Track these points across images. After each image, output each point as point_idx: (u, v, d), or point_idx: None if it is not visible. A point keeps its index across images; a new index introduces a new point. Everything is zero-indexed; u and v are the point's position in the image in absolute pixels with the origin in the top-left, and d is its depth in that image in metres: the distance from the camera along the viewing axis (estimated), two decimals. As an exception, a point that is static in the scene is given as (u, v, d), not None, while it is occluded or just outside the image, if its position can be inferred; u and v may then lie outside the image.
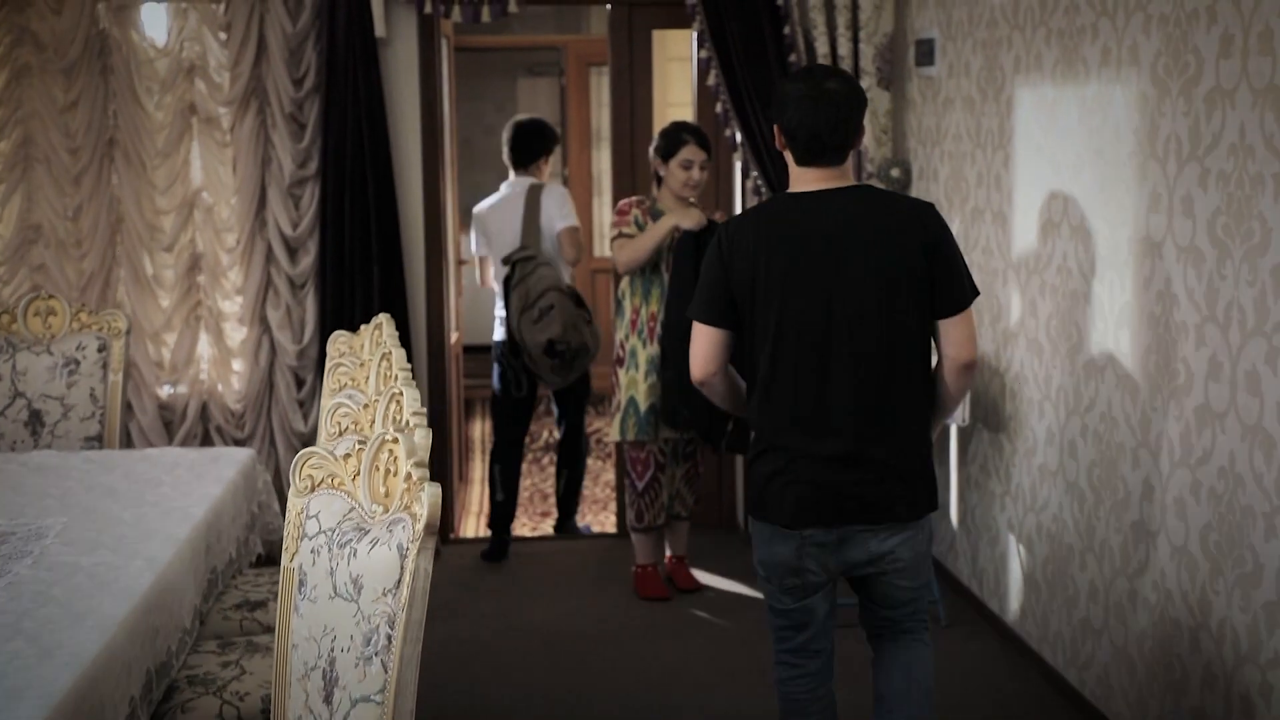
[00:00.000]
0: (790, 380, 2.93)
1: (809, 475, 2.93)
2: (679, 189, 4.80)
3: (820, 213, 2.93)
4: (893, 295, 2.88)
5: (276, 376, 5.28)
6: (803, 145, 2.94)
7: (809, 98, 2.92)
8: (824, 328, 2.89)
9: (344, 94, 5.15)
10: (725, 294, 2.97)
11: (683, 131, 4.82)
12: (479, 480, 7.65)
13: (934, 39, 5.03)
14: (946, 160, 4.98)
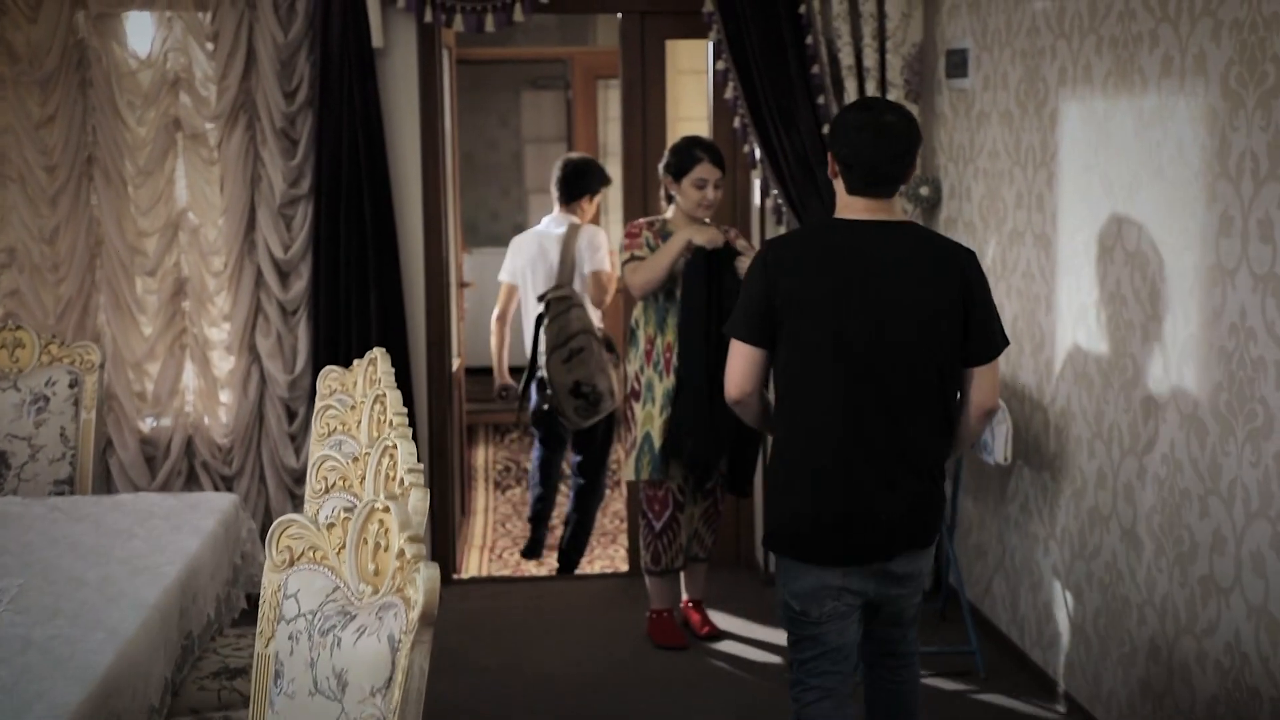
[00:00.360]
0: (831, 405, 2.93)
1: (849, 513, 2.95)
2: (692, 209, 4.50)
3: (871, 242, 2.96)
4: (934, 331, 2.93)
5: (267, 409, 4.96)
6: (859, 176, 2.96)
7: (870, 129, 2.96)
8: (869, 354, 2.91)
9: (339, 108, 4.84)
10: (767, 313, 2.97)
11: (696, 148, 4.51)
12: (482, 511, 7.34)
13: (967, 49, 4.72)
14: (981, 178, 4.66)
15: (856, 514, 2.95)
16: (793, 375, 2.98)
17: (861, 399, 2.92)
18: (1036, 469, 4.25)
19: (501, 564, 6.44)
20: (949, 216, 4.98)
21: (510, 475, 7.92)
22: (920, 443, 2.96)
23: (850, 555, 2.98)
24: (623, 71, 5.42)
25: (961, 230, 4.84)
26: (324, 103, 4.84)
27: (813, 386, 2.95)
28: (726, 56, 5.02)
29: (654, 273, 4.44)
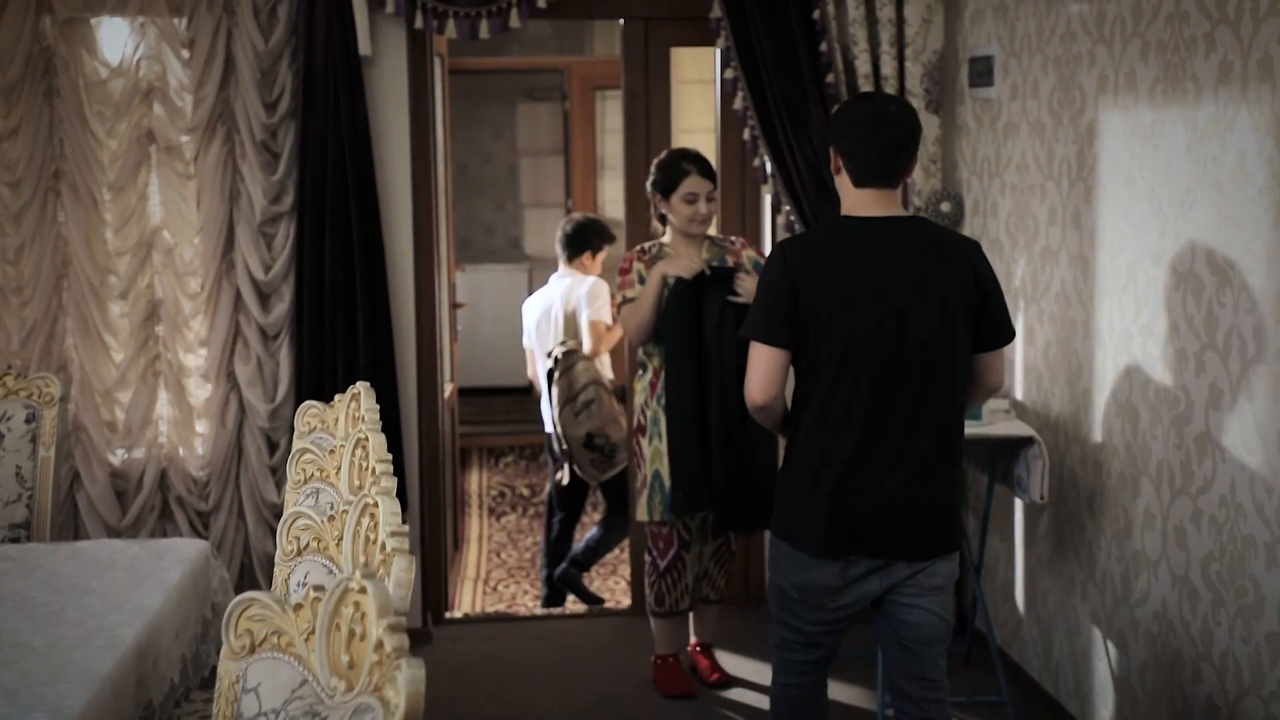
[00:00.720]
0: (853, 407, 2.92)
1: (865, 509, 2.94)
2: (685, 226, 4.20)
3: (886, 238, 2.96)
4: (952, 325, 2.94)
5: (246, 440, 4.65)
6: (864, 165, 2.96)
7: (872, 119, 2.96)
8: (892, 352, 2.91)
9: (323, 119, 4.54)
10: (790, 314, 2.94)
11: (682, 161, 4.21)
12: (476, 540, 7.04)
13: (992, 56, 4.43)
14: (1008, 193, 4.37)
15: (883, 512, 2.94)
16: (817, 376, 2.96)
17: (888, 398, 2.91)
18: (1072, 506, 3.95)
19: (496, 597, 6.14)
20: (972, 233, 4.68)
21: (505, 501, 7.62)
22: (945, 439, 2.97)
23: (875, 550, 2.96)
24: (625, 81, 5.13)
25: (987, 248, 4.54)
26: (308, 114, 4.54)
27: (838, 387, 2.93)
28: (735, 65, 4.73)
29: (641, 316, 4.15)
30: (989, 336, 3.03)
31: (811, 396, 2.97)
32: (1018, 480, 3.87)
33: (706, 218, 4.21)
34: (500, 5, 4.65)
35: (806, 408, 2.98)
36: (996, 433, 3.84)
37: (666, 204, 4.23)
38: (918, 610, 3.01)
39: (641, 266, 4.22)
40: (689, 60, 6.61)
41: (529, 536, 7.10)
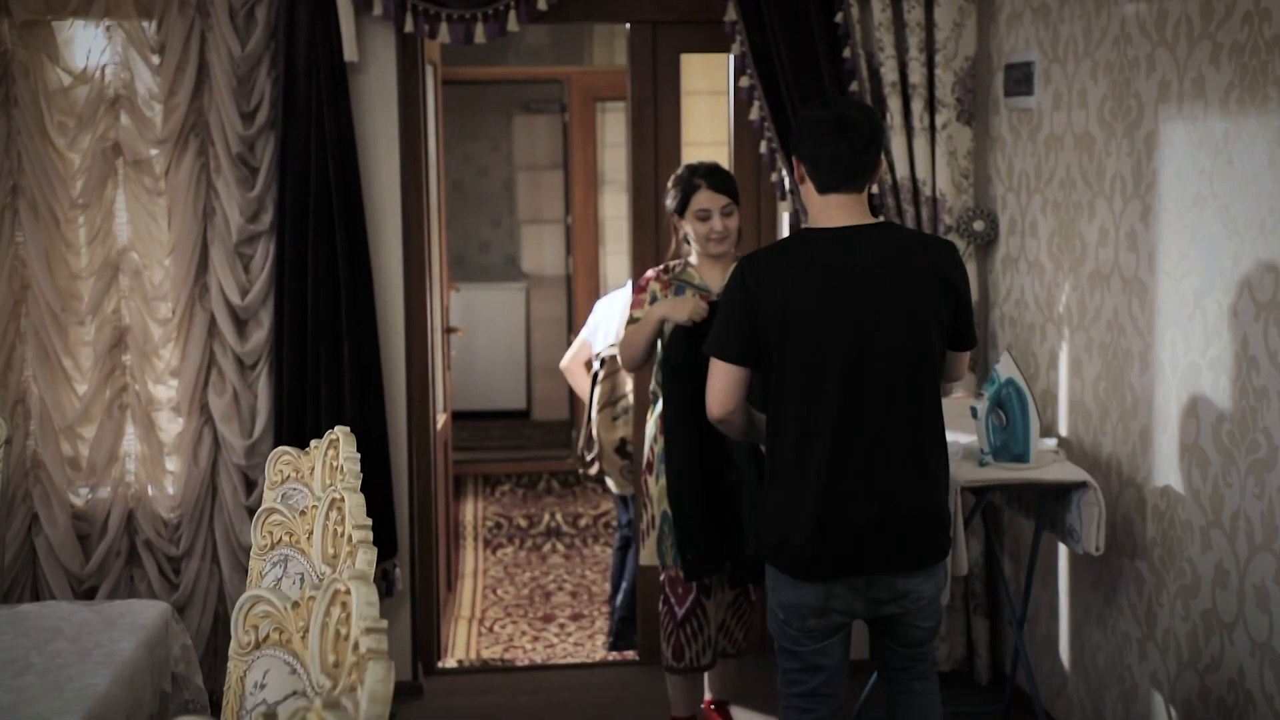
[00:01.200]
0: (823, 422, 2.90)
1: (842, 525, 2.91)
2: (703, 246, 3.82)
3: (849, 249, 2.95)
4: (923, 334, 2.93)
5: (221, 479, 4.28)
6: (827, 170, 2.97)
7: (829, 122, 2.98)
8: (859, 366, 2.89)
9: (305, 131, 4.19)
10: (749, 331, 2.95)
11: (694, 175, 3.84)
12: (471, 575, 6.67)
13: (1032, 62, 4.08)
14: (1051, 211, 4.01)
15: (859, 529, 2.91)
16: (783, 394, 2.95)
17: (858, 412, 2.90)
18: (1128, 556, 3.58)
19: (493, 639, 5.77)
20: (1008, 255, 4.33)
21: (502, 532, 7.25)
22: (922, 450, 2.95)
23: (848, 569, 2.94)
24: (631, 90, 4.77)
25: (1025, 270, 4.19)
26: (288, 125, 4.19)
27: (805, 403, 2.92)
28: (751, 72, 4.38)
29: (632, 350, 3.80)
30: (955, 340, 3.05)
31: (780, 415, 2.97)
32: (1068, 529, 3.51)
33: (724, 235, 3.83)
34: (498, 7, 4.30)
35: (778, 426, 2.98)
36: (1046, 477, 3.48)
37: (683, 222, 3.88)
38: (911, 628, 3.05)
39: (658, 287, 3.86)
40: (696, 70, 6.27)
41: (526, 571, 6.73)
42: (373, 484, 4.28)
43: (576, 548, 7.09)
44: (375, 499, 4.29)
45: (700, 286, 3.85)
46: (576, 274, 7.80)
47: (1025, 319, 4.22)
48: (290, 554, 2.28)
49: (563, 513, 7.41)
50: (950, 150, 4.36)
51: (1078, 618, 3.91)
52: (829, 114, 3.00)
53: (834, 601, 2.96)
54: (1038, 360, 4.13)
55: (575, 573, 6.67)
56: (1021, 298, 4.24)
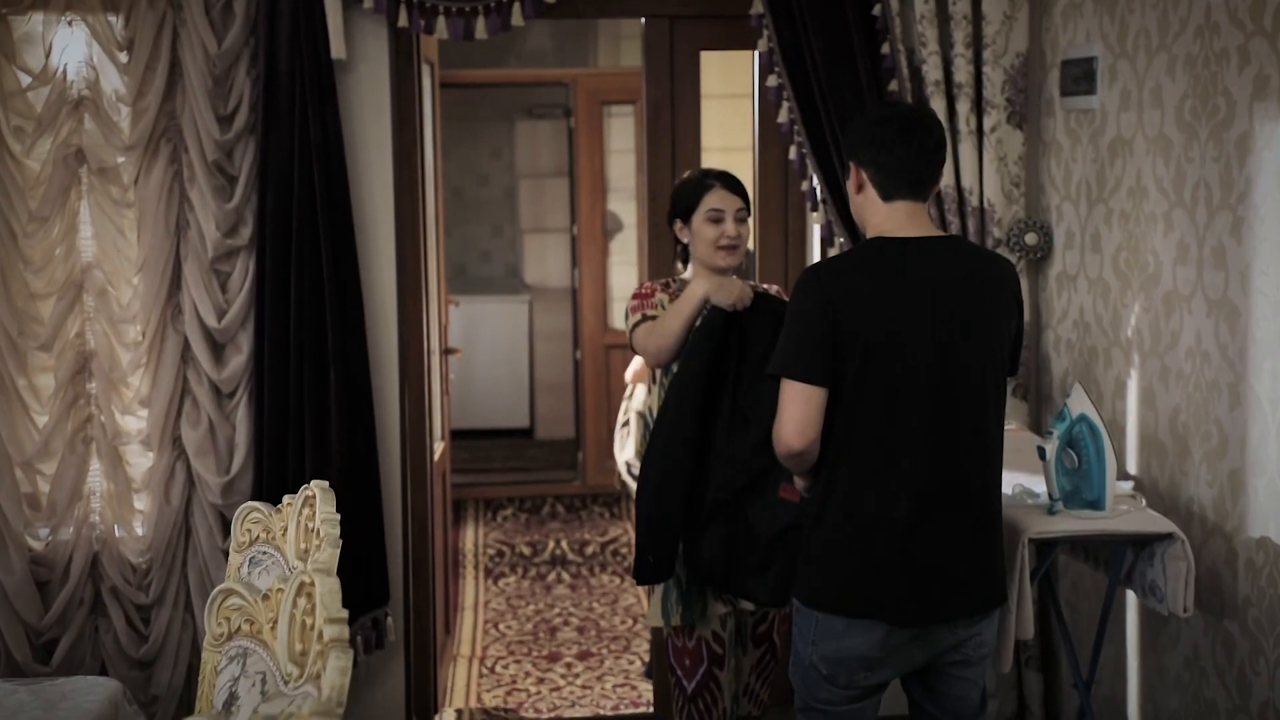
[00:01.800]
0: (910, 449, 2.69)
1: (931, 567, 2.71)
2: (710, 255, 3.39)
3: (929, 262, 2.75)
4: (996, 357, 2.78)
5: (195, 519, 3.88)
6: (894, 174, 2.76)
7: (895, 124, 2.78)
8: (941, 389, 2.70)
9: (289, 136, 3.80)
10: (828, 347, 2.69)
11: (706, 176, 3.45)
12: (471, 607, 6.26)
13: (1094, 58, 3.68)
14: (1117, 224, 3.61)
15: (945, 569, 2.72)
16: (858, 419, 2.71)
17: (941, 439, 2.70)
18: (1215, 615, 3.17)
19: (494, 681, 5.36)
20: (1064, 271, 3.93)
21: (504, 561, 6.84)
22: (994, 484, 2.79)
23: (923, 613, 2.72)
24: (646, 90, 4.37)
25: (1085, 289, 3.79)
26: (269, 129, 3.80)
27: (885, 430, 2.70)
28: (780, 70, 3.99)
29: (666, 338, 3.31)
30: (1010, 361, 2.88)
31: (852, 442, 2.72)
32: (1150, 586, 3.09)
33: (736, 241, 3.40)
34: (500, 0, 3.90)
35: (844, 455, 2.73)
36: (1126, 529, 3.07)
37: (688, 229, 3.46)
38: (962, 683, 2.83)
39: (665, 298, 3.45)
40: (715, 70, 5.88)
41: (530, 603, 6.32)
42: (363, 524, 3.91)
43: (583, 577, 6.68)
44: (365, 541, 3.91)
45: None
46: (582, 286, 7.41)
47: (1086, 342, 3.81)
48: (250, 646, 1.89)
49: (568, 539, 7.01)
50: (999, 156, 3.96)
51: (1150, 680, 3.50)
52: (895, 113, 2.83)
53: (892, 652, 2.74)
54: (1101, 388, 3.72)
55: (582, 605, 6.27)
56: (1081, 319, 3.83)
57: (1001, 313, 2.78)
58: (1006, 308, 2.79)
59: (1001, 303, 2.78)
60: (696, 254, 3.44)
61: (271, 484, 3.83)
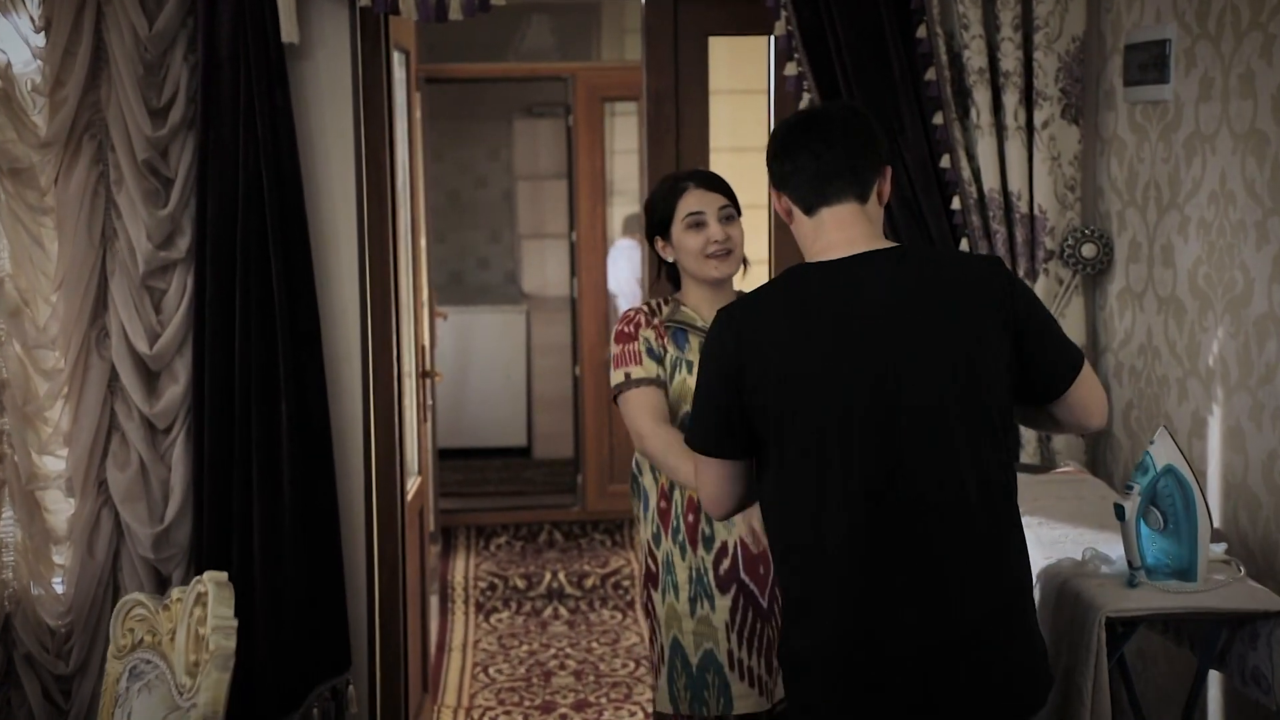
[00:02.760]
0: (847, 514, 2.20)
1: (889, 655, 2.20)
2: (699, 267, 2.88)
3: (860, 282, 2.26)
4: (973, 381, 2.22)
5: (123, 575, 3.38)
6: (806, 182, 2.31)
7: (799, 125, 2.36)
8: (889, 433, 2.20)
9: (232, 132, 3.31)
10: (736, 411, 2.29)
11: (676, 180, 2.94)
12: (460, 647, 5.76)
13: (1167, 40, 3.16)
14: (1195, 234, 3.08)
15: (913, 661, 2.19)
16: (787, 479, 2.26)
17: (889, 501, 2.20)
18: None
19: (483, 735, 4.86)
20: (1128, 287, 3.41)
21: (496, 595, 6.32)
22: (985, 542, 2.21)
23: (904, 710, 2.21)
24: (646, 80, 3.87)
25: (1154, 309, 3.27)
26: (210, 124, 3.31)
27: (817, 491, 2.23)
28: (800, 57, 3.48)
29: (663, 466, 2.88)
30: (1045, 374, 2.29)
31: (787, 513, 2.28)
32: (1253, 673, 2.56)
33: (724, 245, 2.87)
34: (478, -25, 3.39)
35: (783, 526, 2.29)
36: (1226, 606, 2.53)
37: (669, 246, 2.95)
38: None
39: (652, 336, 2.90)
40: (724, 60, 5.38)
41: (524, 643, 5.82)
42: (320, 580, 3.42)
43: (581, 613, 6.18)
44: (323, 600, 3.42)
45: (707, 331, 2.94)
46: (582, 296, 6.90)
47: (1155, 371, 3.29)
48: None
49: (566, 571, 6.50)
50: (1052, 155, 3.44)
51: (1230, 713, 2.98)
52: (792, 118, 2.40)
53: None
54: (1174, 424, 3.20)
55: (580, 645, 5.76)
56: (1149, 343, 3.31)
57: (972, 323, 2.23)
58: (982, 322, 2.23)
59: (970, 312, 2.23)
60: (686, 268, 2.92)
61: (213, 535, 3.33)
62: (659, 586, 2.94)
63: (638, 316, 2.94)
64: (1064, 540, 2.81)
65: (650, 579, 2.97)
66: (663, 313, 2.94)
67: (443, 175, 8.91)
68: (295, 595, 3.36)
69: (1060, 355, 2.31)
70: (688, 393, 2.82)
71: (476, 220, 9.19)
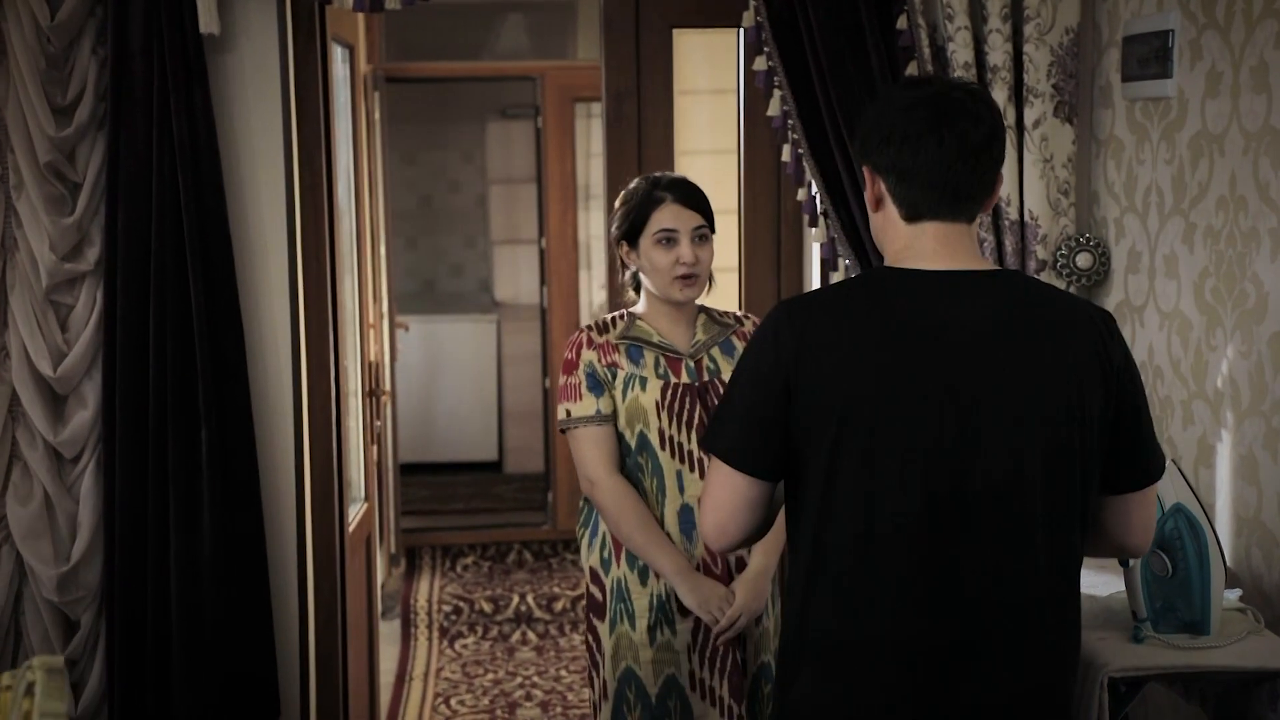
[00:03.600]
0: (898, 570, 1.87)
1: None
2: (666, 286, 2.67)
3: (954, 304, 1.90)
4: (1063, 442, 1.88)
5: (26, 621, 3.08)
6: (920, 184, 1.92)
7: (926, 109, 1.92)
8: (957, 485, 1.86)
9: (146, 132, 3.02)
10: (777, 422, 1.92)
11: (655, 188, 2.70)
12: (422, 677, 5.47)
13: (1170, 31, 2.88)
14: (1204, 242, 2.80)
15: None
16: (830, 526, 1.92)
17: (953, 557, 1.88)
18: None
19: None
20: (1126, 301, 3.13)
21: (461, 619, 6.02)
22: (1054, 617, 1.93)
23: None
24: (606, 77, 3.58)
25: (1156, 324, 2.99)
26: (121, 124, 3.02)
27: (868, 541, 1.90)
28: (771, 51, 3.19)
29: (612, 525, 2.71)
30: (1126, 470, 1.97)
31: (824, 557, 1.93)
32: (1274, 740, 2.28)
33: (694, 270, 2.66)
34: (418, -39, 3.10)
35: (814, 572, 1.95)
36: (1244, 664, 2.25)
37: (635, 255, 2.71)
38: None
39: (594, 357, 2.69)
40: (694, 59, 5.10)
41: (489, 670, 5.52)
42: (245, 623, 3.12)
43: (550, 637, 5.89)
44: (248, 644, 3.13)
45: (664, 346, 2.69)
46: (552, 304, 6.62)
47: (1157, 392, 3.01)
48: None
49: (535, 594, 6.20)
50: (1044, 157, 3.16)
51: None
52: (924, 95, 1.95)
53: None
54: (1178, 450, 2.92)
55: (548, 674, 5.47)
56: (1150, 361, 3.03)
57: (1070, 386, 1.90)
58: (1086, 373, 1.91)
59: (1070, 363, 1.91)
60: (648, 283, 2.71)
61: (125, 575, 3.04)
62: (605, 616, 2.71)
63: (580, 337, 2.74)
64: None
65: (594, 608, 2.73)
66: (615, 329, 2.73)
67: (415, 179, 8.66)
68: (217, 640, 3.06)
69: (1147, 447, 1.98)
70: (641, 411, 2.67)
71: (450, 225, 8.94)
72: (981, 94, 2.00)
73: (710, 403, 2.67)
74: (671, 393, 2.67)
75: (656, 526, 2.67)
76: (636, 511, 2.65)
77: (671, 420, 2.66)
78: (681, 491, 2.68)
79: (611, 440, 2.69)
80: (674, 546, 2.66)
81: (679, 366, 2.70)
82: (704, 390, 2.69)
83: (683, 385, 2.68)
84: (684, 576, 2.64)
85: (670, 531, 2.68)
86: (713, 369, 2.71)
